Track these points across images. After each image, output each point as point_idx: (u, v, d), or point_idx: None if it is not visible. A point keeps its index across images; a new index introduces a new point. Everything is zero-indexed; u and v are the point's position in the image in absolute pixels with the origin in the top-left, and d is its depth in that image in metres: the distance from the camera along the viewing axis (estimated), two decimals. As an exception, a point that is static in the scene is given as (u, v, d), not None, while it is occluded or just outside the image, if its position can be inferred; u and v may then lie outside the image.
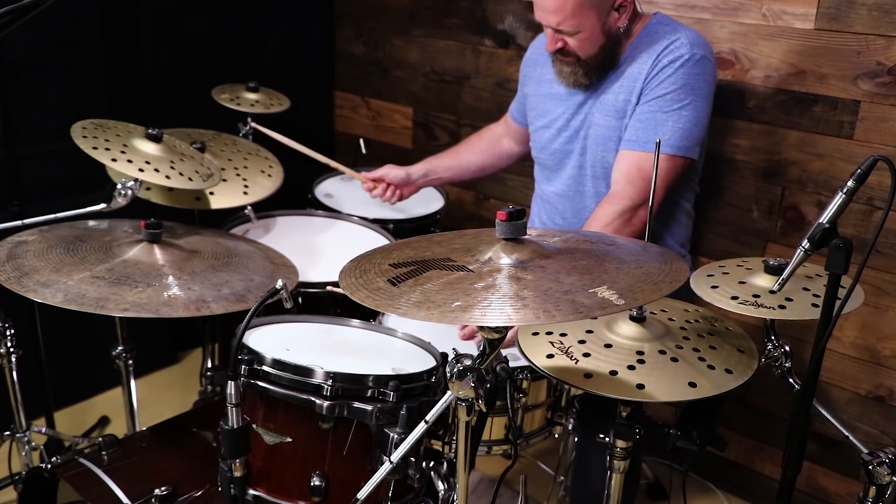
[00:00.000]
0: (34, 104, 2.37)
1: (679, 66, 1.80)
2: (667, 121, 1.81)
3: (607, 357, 1.32)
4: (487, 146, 2.36)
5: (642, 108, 1.84)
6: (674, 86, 1.81)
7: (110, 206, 1.74)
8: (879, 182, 1.91)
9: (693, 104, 1.82)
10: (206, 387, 2.32)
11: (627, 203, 1.81)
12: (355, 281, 1.17)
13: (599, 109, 1.93)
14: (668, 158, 1.82)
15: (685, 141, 1.83)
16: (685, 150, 1.84)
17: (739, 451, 2.43)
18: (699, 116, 1.84)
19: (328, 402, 1.31)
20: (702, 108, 1.84)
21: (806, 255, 1.21)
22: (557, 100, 2.02)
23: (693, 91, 1.82)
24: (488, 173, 2.43)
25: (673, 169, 1.84)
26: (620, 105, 1.88)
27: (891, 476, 1.27)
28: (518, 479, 1.68)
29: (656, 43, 1.84)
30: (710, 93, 1.86)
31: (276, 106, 2.39)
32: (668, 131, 1.81)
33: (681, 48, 1.81)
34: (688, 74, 1.81)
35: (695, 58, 1.80)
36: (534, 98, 2.10)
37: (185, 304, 1.48)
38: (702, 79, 1.82)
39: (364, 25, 3.09)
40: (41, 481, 1.60)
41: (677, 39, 1.82)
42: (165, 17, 2.64)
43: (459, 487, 1.29)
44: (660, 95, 1.82)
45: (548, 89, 2.04)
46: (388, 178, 2.28)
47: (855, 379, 2.16)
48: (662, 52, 1.82)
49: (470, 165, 2.36)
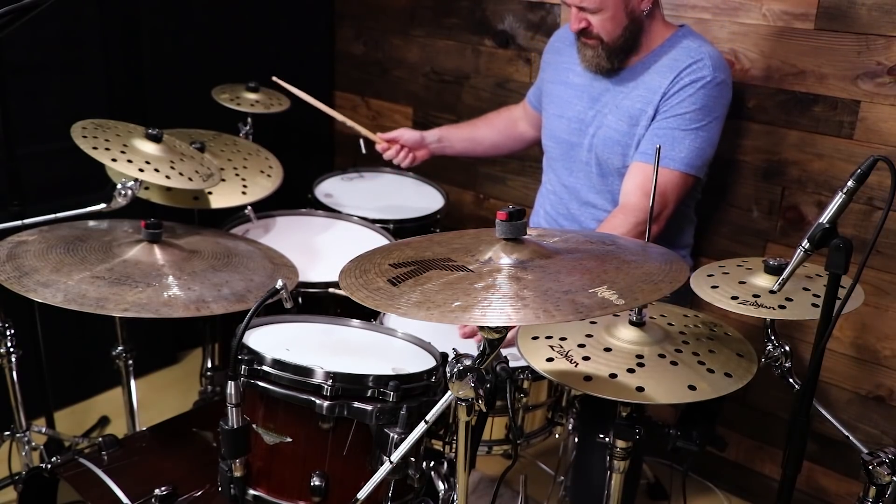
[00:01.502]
0: (34, 104, 2.37)
1: (700, 87, 1.84)
2: (684, 139, 1.85)
3: (607, 360, 1.32)
4: (504, 125, 2.38)
5: (660, 124, 1.87)
6: (694, 106, 1.84)
7: (110, 206, 1.74)
8: (879, 182, 1.91)
9: (709, 126, 1.86)
10: (206, 387, 2.32)
11: (643, 216, 1.83)
12: (355, 281, 1.17)
13: (613, 112, 1.94)
14: (680, 176, 1.87)
15: (698, 161, 1.88)
16: (697, 170, 1.89)
17: (739, 451, 2.43)
18: (713, 138, 1.89)
19: (328, 402, 1.31)
20: (716, 131, 1.89)
21: (806, 255, 1.21)
22: (572, 90, 2.04)
23: (710, 113, 1.86)
24: (500, 153, 2.46)
25: (683, 186, 1.89)
26: (636, 112, 1.90)
27: (891, 476, 1.27)
28: (518, 479, 1.69)
29: (679, 59, 1.87)
30: (724, 116, 1.91)
31: (276, 106, 2.39)
32: (684, 150, 1.85)
33: (703, 69, 1.84)
34: (707, 96, 1.84)
35: (716, 81, 1.84)
36: (550, 85, 2.13)
37: (185, 304, 1.48)
38: (720, 102, 1.87)
39: (364, 25, 3.09)
40: (41, 481, 1.60)
41: (701, 60, 1.85)
42: (165, 17, 2.64)
43: (459, 487, 1.29)
44: (679, 114, 1.85)
45: (564, 78, 2.07)
46: (402, 140, 2.29)
47: (855, 379, 2.16)
48: (685, 70, 1.85)
49: (484, 140, 2.38)
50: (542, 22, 2.56)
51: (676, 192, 1.88)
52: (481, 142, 2.38)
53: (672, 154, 1.85)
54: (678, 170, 1.86)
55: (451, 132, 2.36)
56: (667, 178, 1.85)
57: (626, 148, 1.92)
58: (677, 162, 1.86)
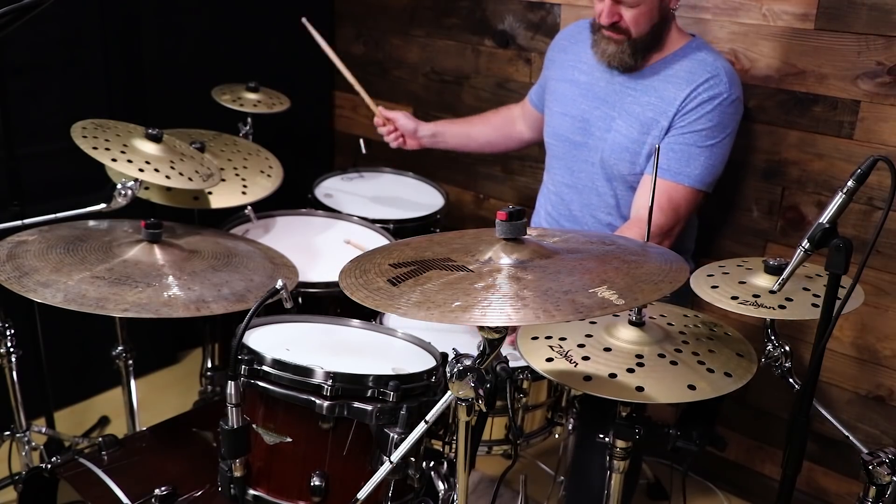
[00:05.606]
0: (34, 104, 2.36)
1: (718, 104, 1.85)
2: (699, 156, 1.86)
3: (607, 360, 1.32)
4: (501, 123, 2.38)
5: (676, 139, 1.87)
6: (710, 122, 1.85)
7: (110, 206, 1.74)
8: (879, 182, 1.91)
9: (723, 143, 1.88)
10: (206, 387, 2.32)
11: (655, 231, 1.83)
12: (355, 281, 1.17)
13: (623, 116, 1.94)
14: (694, 192, 1.88)
15: (711, 178, 1.90)
16: (708, 186, 1.91)
17: (739, 451, 2.43)
18: (725, 155, 1.91)
19: (328, 402, 1.31)
20: (728, 147, 1.91)
21: (806, 255, 1.21)
22: (578, 88, 2.04)
23: (724, 130, 1.87)
24: (494, 151, 2.46)
25: (695, 202, 1.91)
26: (647, 120, 1.90)
27: (891, 476, 1.27)
28: (518, 479, 1.68)
29: (696, 72, 1.87)
30: (736, 132, 1.92)
31: (276, 106, 2.39)
32: (699, 167, 1.87)
33: (720, 86, 1.85)
34: (724, 113, 1.86)
35: (731, 98, 1.86)
36: (555, 83, 2.12)
37: (185, 304, 1.48)
38: (734, 118, 1.89)
39: (364, 25, 3.09)
40: (41, 481, 1.60)
41: (717, 76, 1.85)
42: (165, 17, 2.64)
43: (459, 487, 1.29)
44: (696, 130, 1.86)
45: (570, 75, 2.07)
46: (397, 123, 2.32)
47: (855, 379, 2.16)
48: (702, 85, 1.85)
49: (479, 137, 2.39)
50: (542, 22, 2.56)
51: (689, 208, 1.90)
52: (476, 138, 2.39)
53: (687, 171, 1.86)
54: (692, 186, 1.87)
55: (445, 128, 2.37)
56: (680, 195, 1.86)
57: (635, 156, 1.92)
58: (692, 179, 1.86)
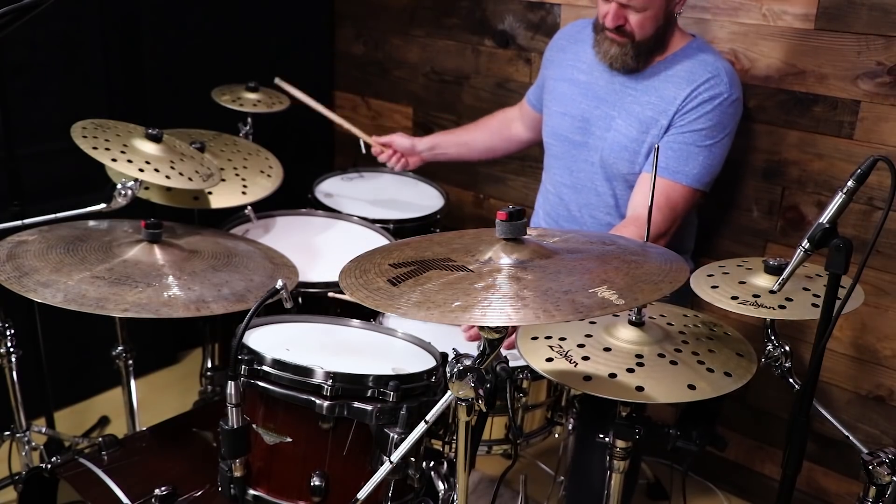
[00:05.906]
0: (34, 104, 2.36)
1: (718, 104, 1.85)
2: (698, 155, 1.86)
3: (606, 360, 1.32)
4: (498, 128, 2.39)
5: (675, 138, 1.87)
6: (710, 122, 1.85)
7: (110, 206, 1.73)
8: (879, 182, 1.91)
9: (721, 143, 1.88)
10: (206, 387, 2.32)
11: (655, 230, 1.83)
12: (355, 281, 1.17)
13: (623, 115, 1.94)
14: (691, 191, 1.89)
15: (708, 177, 1.90)
16: (706, 186, 1.91)
17: (739, 451, 2.43)
18: (723, 155, 1.91)
19: (328, 402, 1.31)
20: (727, 147, 1.91)
21: (806, 255, 1.21)
22: (577, 87, 2.04)
23: (724, 130, 1.87)
24: (495, 156, 2.46)
25: (693, 201, 1.91)
26: (647, 119, 1.90)
27: (891, 476, 1.27)
28: (518, 479, 1.68)
29: (696, 72, 1.87)
30: (735, 132, 1.92)
31: (276, 106, 2.39)
32: (697, 166, 1.87)
33: (720, 86, 1.85)
34: (723, 113, 1.86)
35: (731, 98, 1.86)
36: (553, 82, 2.12)
37: (185, 304, 1.48)
38: (733, 119, 1.89)
39: (364, 25, 3.09)
40: (41, 481, 1.60)
41: (717, 76, 1.86)
42: (165, 17, 2.64)
43: (459, 487, 1.29)
44: (695, 129, 1.86)
45: (569, 75, 2.06)
46: (394, 145, 2.34)
47: (855, 379, 2.16)
48: (702, 85, 1.85)
49: (478, 144, 2.40)
50: (542, 22, 2.56)
51: (686, 207, 1.90)
52: (475, 146, 2.39)
53: (685, 170, 1.86)
54: (690, 185, 1.87)
55: (443, 139, 2.39)
56: (678, 193, 1.86)
57: (635, 155, 1.92)
58: (690, 178, 1.87)
